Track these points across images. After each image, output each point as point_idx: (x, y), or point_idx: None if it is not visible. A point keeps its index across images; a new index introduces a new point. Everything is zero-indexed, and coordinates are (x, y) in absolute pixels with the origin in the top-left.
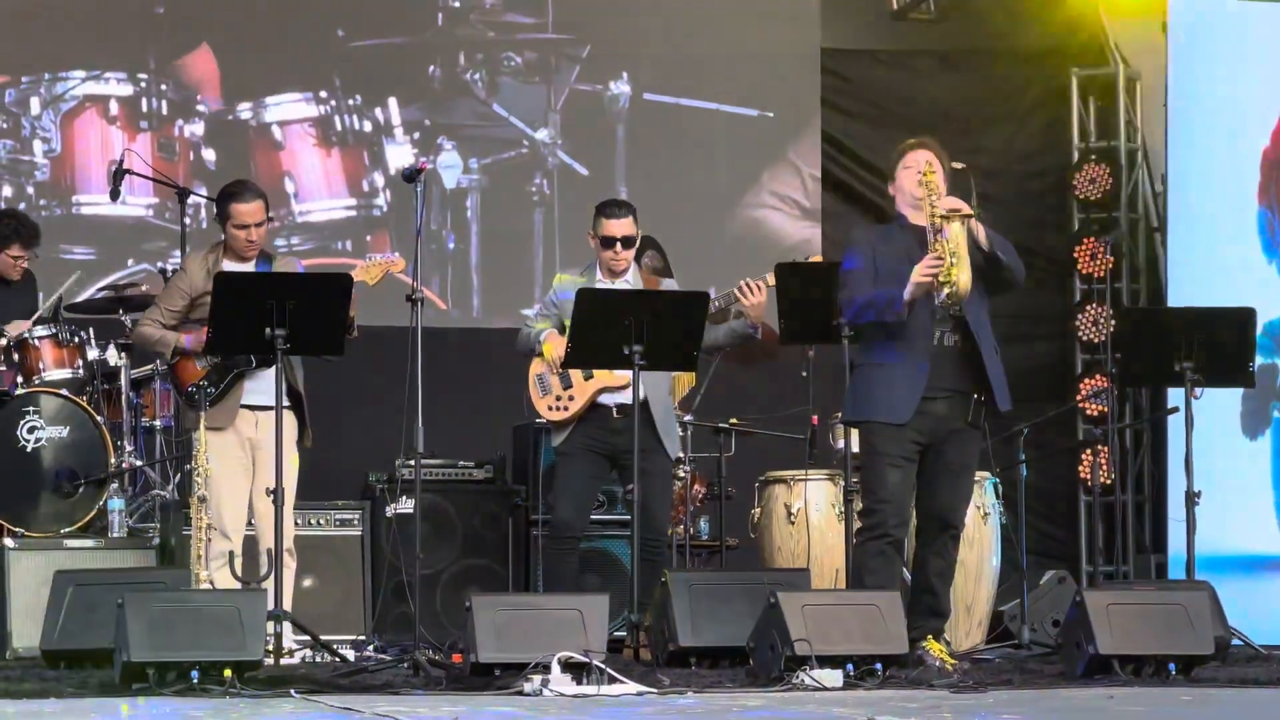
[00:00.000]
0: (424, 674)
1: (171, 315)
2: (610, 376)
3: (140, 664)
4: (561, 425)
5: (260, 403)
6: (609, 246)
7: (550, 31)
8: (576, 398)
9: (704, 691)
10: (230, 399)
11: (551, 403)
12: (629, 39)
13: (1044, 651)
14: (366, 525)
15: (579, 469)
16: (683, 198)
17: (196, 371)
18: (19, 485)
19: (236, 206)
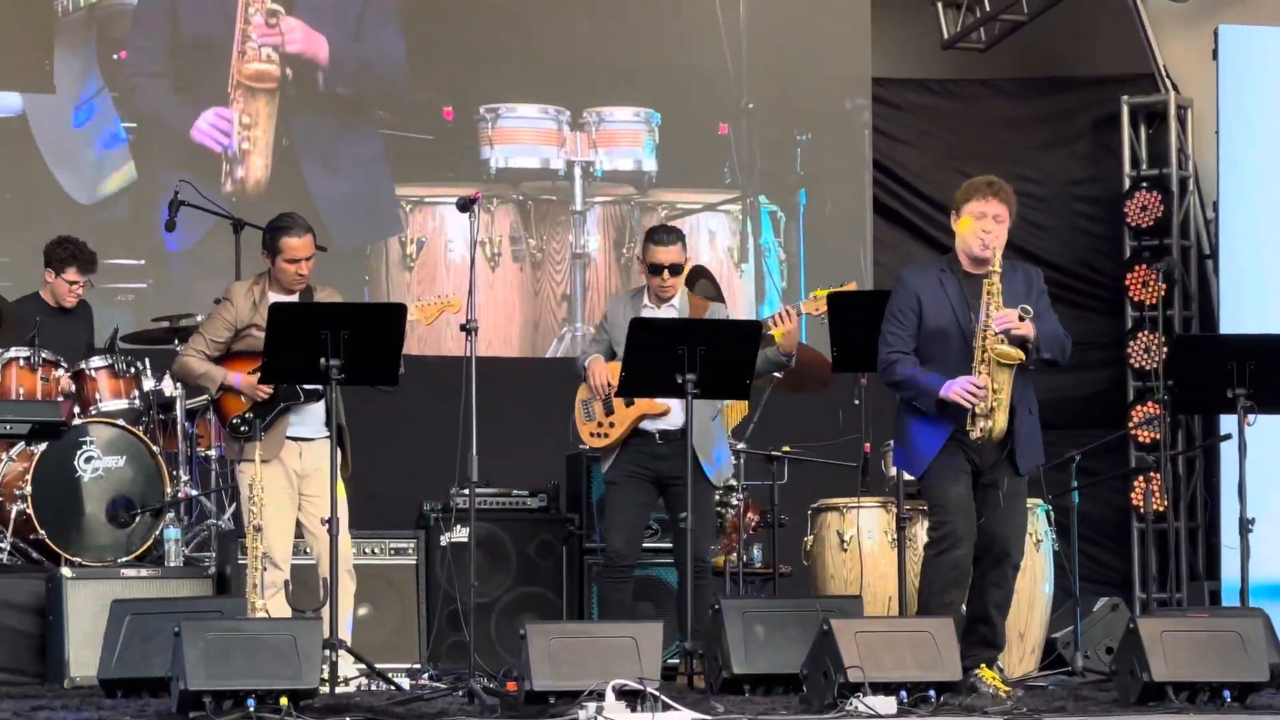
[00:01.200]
0: (479, 702)
1: (215, 346)
2: (650, 404)
3: (197, 692)
4: (606, 452)
5: (304, 434)
6: (657, 273)
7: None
8: (617, 424)
9: (757, 718)
10: (276, 431)
11: (594, 429)
12: (676, 66)
13: (1098, 678)
14: (421, 554)
15: (629, 498)
16: None
17: (240, 405)
18: (76, 515)
19: (287, 240)
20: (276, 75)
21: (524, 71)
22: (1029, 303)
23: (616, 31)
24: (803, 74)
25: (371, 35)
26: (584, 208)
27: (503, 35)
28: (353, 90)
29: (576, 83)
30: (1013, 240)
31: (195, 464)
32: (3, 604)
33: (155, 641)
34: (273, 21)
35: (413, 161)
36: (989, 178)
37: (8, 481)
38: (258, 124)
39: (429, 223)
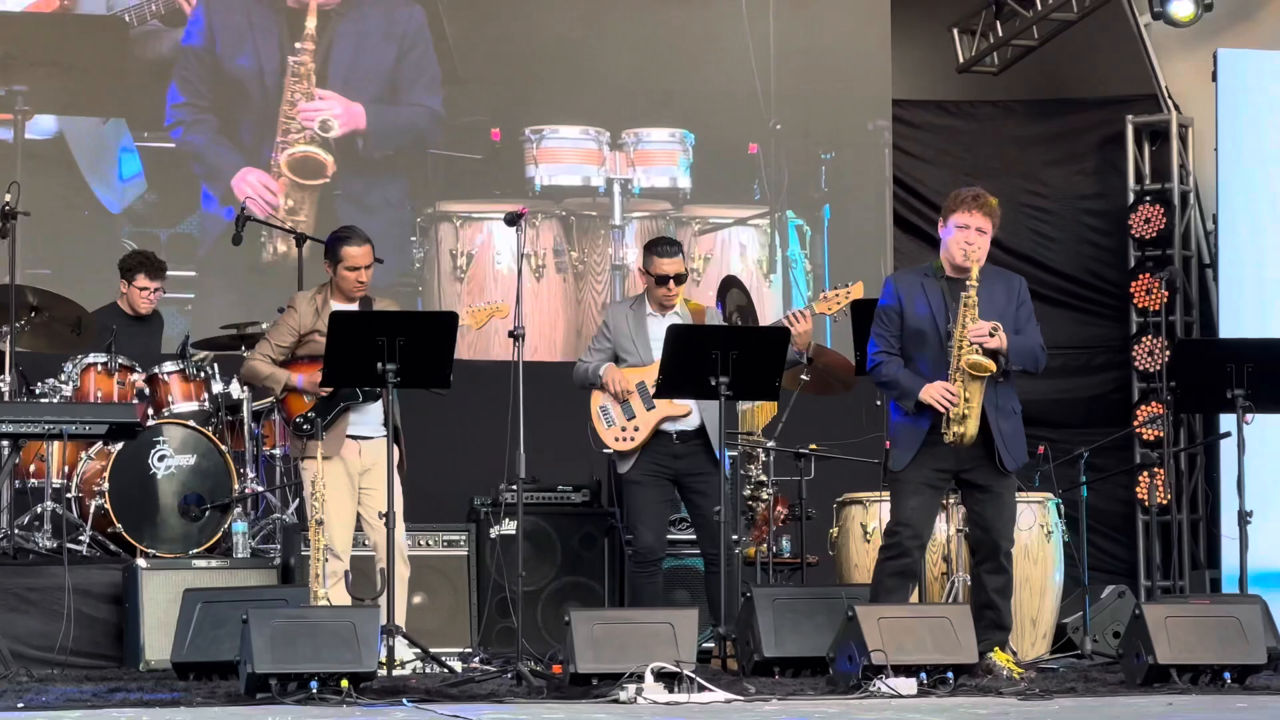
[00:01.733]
0: (526, 684)
1: (280, 351)
2: (671, 406)
3: (264, 675)
4: (627, 454)
5: (364, 433)
6: (663, 283)
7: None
8: (641, 427)
9: (787, 699)
10: (336, 430)
11: (618, 433)
12: (709, 90)
13: (1105, 661)
14: (472, 546)
15: (651, 496)
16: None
17: (303, 405)
18: (150, 510)
19: (348, 250)
20: (324, 164)
21: (566, 95)
22: (1009, 312)
23: (653, 58)
24: (827, 97)
25: (407, 94)
26: (623, 222)
27: (547, 62)
28: (391, 150)
29: (616, 106)
30: (1023, 250)
31: (261, 462)
32: (82, 593)
33: (224, 628)
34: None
35: (462, 180)
36: (975, 190)
37: (87, 479)
38: (302, 210)
39: (478, 237)
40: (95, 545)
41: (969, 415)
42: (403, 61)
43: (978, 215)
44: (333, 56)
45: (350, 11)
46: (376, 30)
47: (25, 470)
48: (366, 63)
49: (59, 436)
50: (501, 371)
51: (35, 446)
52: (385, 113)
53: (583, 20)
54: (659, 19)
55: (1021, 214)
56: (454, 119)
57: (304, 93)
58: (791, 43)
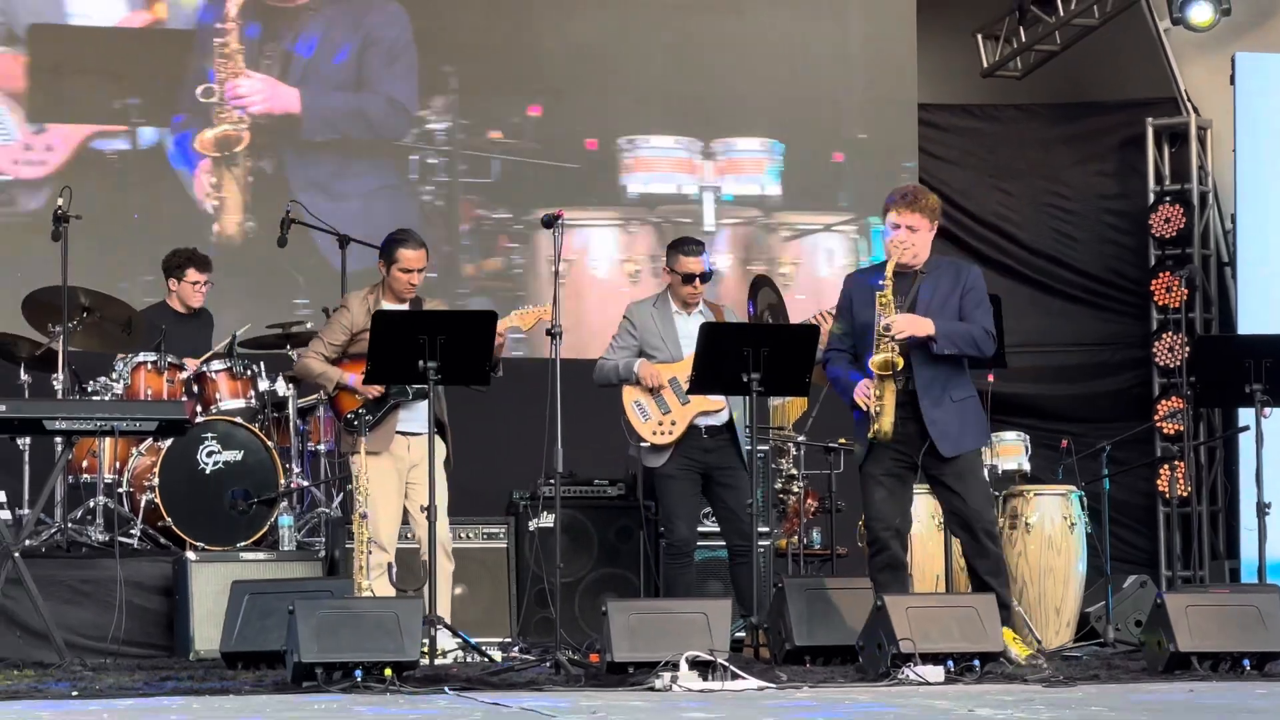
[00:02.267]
0: (565, 672)
1: (333, 349)
2: (706, 401)
3: (310, 664)
4: (660, 449)
5: (412, 429)
6: (688, 282)
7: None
8: (678, 421)
9: (817, 687)
10: (386, 426)
11: (654, 427)
12: (798, 101)
13: (1128, 649)
14: (511, 539)
15: (684, 489)
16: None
17: (354, 402)
18: (199, 504)
19: (403, 252)
20: (234, 139)
21: (660, 106)
22: (952, 300)
23: (744, 71)
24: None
25: (372, 85)
26: (714, 229)
27: (641, 73)
28: (336, 134)
29: (707, 116)
30: (1046, 250)
31: (306, 457)
32: (134, 585)
33: (271, 618)
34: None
35: (559, 188)
36: (905, 188)
37: (137, 474)
38: (224, 185)
39: (575, 243)
40: (146, 538)
41: (882, 412)
42: (364, 55)
43: (907, 214)
44: (295, 47)
45: (320, 8)
46: (340, 25)
47: (78, 466)
48: (323, 54)
49: (110, 433)
50: (539, 369)
51: (88, 443)
52: (330, 97)
53: (671, 30)
54: (750, 28)
55: (1044, 214)
56: (550, 128)
57: (230, 71)
58: (873, 55)
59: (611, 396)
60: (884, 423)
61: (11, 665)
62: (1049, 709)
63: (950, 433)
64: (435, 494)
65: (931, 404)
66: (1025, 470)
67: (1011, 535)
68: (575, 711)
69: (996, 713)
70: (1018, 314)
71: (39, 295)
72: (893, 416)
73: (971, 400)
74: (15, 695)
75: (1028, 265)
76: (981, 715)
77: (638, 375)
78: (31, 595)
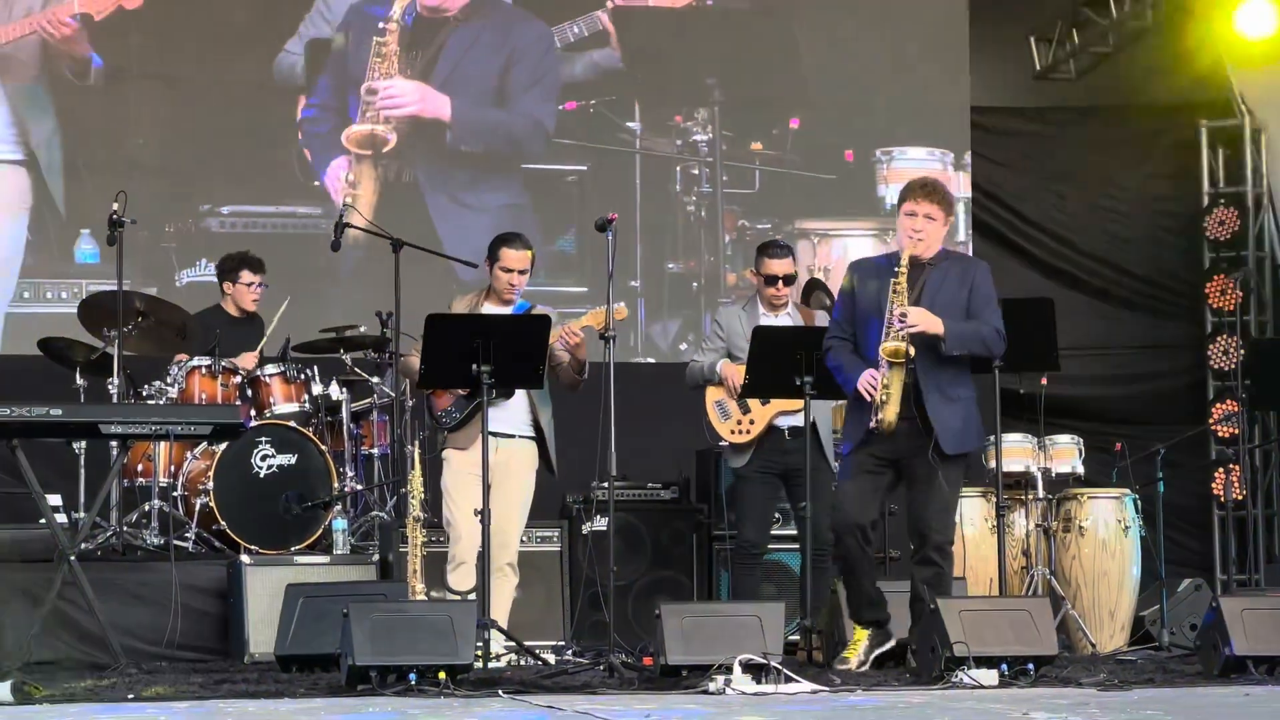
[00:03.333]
0: (618, 675)
1: None
2: (787, 401)
3: (364, 667)
4: (742, 448)
5: (499, 430)
6: (772, 284)
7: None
8: (756, 421)
9: (871, 689)
10: (473, 425)
11: (733, 427)
12: (790, 91)
13: (1183, 653)
14: (565, 542)
15: (758, 491)
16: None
17: (448, 399)
18: (253, 507)
19: (506, 250)
20: (379, 139)
21: (914, 118)
22: (960, 297)
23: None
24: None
25: (514, 103)
26: (967, 239)
27: (897, 85)
28: (480, 148)
29: (960, 128)
30: (1099, 253)
31: (360, 461)
32: (189, 588)
33: (325, 621)
34: (369, 98)
35: (818, 198)
36: (924, 179)
37: (192, 478)
38: (361, 184)
39: (834, 252)
40: (200, 542)
41: (888, 401)
42: (509, 71)
43: (924, 203)
44: (441, 55)
45: (469, 19)
46: (488, 39)
47: (133, 470)
48: (471, 67)
49: (165, 437)
50: (593, 372)
51: (143, 447)
52: (480, 112)
53: (918, 42)
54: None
55: (1098, 217)
56: (809, 139)
57: (384, 73)
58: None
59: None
60: (889, 412)
61: (68, 668)
62: (1104, 713)
63: (953, 429)
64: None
65: (936, 401)
66: (1079, 473)
67: (1065, 539)
68: (629, 714)
69: (1051, 716)
70: (1071, 317)
71: (95, 299)
72: (898, 407)
73: (972, 399)
74: (72, 698)
75: (1081, 268)
76: (1036, 719)
77: (719, 375)
78: (87, 598)
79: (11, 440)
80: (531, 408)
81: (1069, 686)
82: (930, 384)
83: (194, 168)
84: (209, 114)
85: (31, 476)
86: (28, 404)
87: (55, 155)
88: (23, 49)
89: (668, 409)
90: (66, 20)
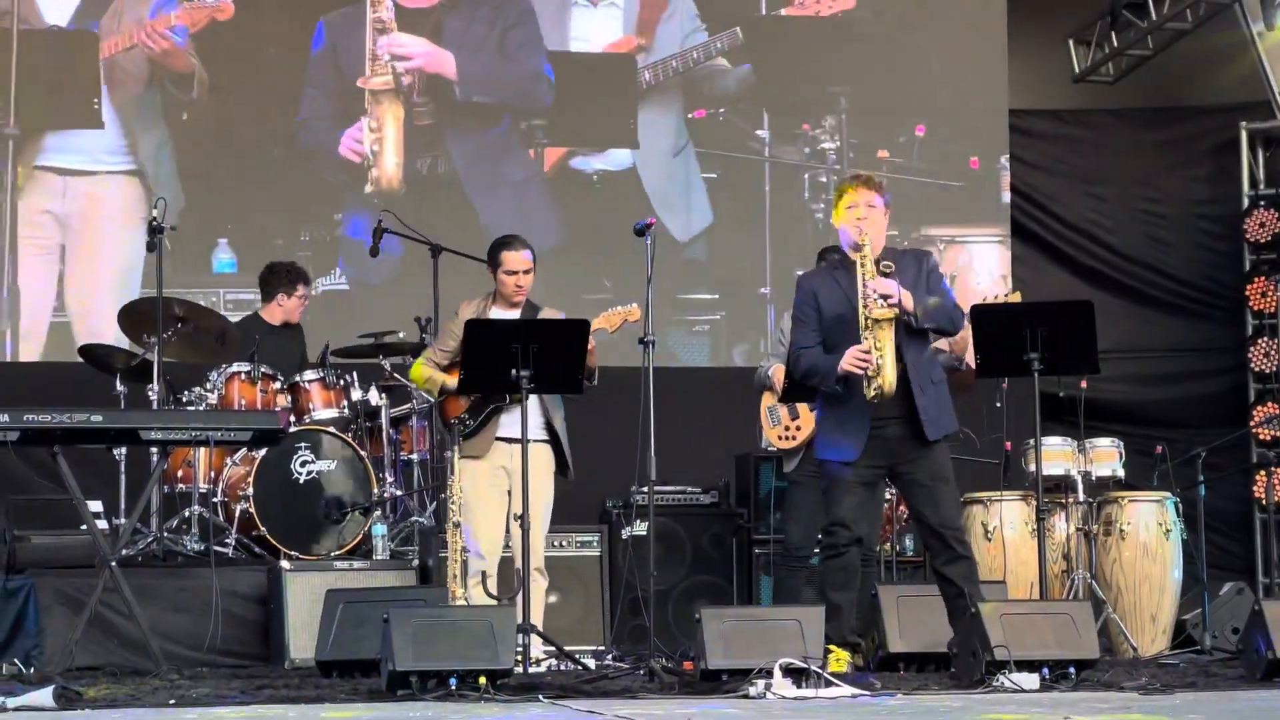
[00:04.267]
0: (658, 680)
1: (444, 355)
2: None
3: (404, 672)
4: (791, 453)
5: (514, 435)
6: None
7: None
8: (803, 428)
9: (912, 694)
10: (487, 431)
11: (780, 432)
12: (916, 99)
13: (1225, 657)
14: (605, 546)
15: (808, 496)
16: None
17: (460, 406)
18: (293, 513)
19: (506, 254)
20: (392, 80)
21: (952, 121)
22: (919, 281)
23: None
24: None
25: (515, 54)
26: (1006, 240)
27: (935, 89)
28: (490, 99)
29: (999, 131)
30: (1139, 256)
31: (399, 466)
32: (229, 594)
33: (366, 627)
34: (383, 34)
35: (944, 205)
36: (856, 172)
37: (232, 484)
38: (384, 125)
39: (960, 258)
40: (240, 548)
41: (883, 365)
42: (505, 36)
43: (863, 191)
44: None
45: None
46: (484, 14)
47: (173, 476)
48: (471, 39)
49: (205, 443)
50: (632, 377)
51: (183, 453)
52: (485, 63)
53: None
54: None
55: (1137, 220)
56: (935, 146)
57: (383, 31)
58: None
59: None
60: (887, 376)
61: (109, 674)
62: (1146, 717)
63: (931, 416)
64: (528, 501)
65: (919, 390)
66: (1120, 476)
67: (1106, 541)
68: (669, 719)
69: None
70: (1111, 320)
71: (135, 306)
72: (894, 370)
73: (945, 383)
74: (114, 703)
75: (1120, 271)
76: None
77: (772, 380)
78: (129, 604)
79: (53, 446)
80: (544, 411)
81: (1111, 690)
82: (918, 375)
83: (311, 175)
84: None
85: (73, 483)
86: (68, 410)
87: (165, 165)
88: (130, 60)
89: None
90: (164, 33)
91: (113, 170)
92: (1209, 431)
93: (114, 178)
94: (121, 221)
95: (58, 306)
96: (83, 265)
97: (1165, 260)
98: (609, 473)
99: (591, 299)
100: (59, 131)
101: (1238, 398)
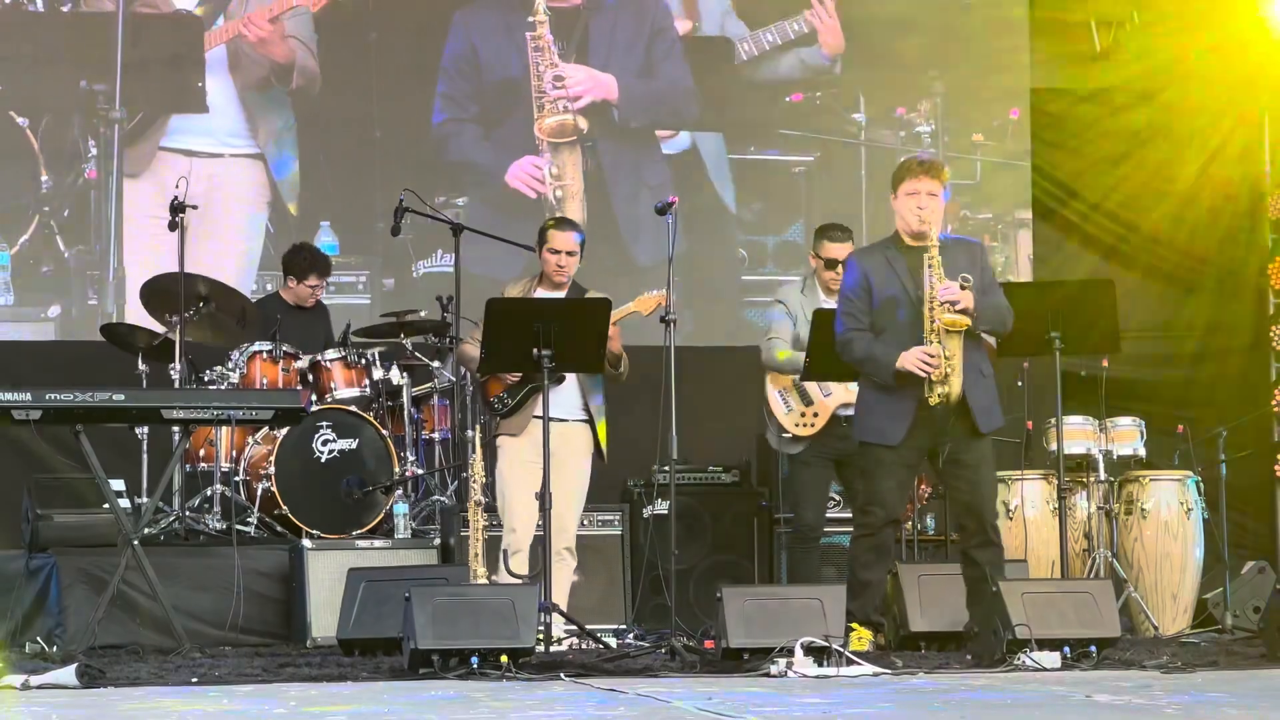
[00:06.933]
0: (680, 658)
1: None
2: (847, 393)
3: (426, 651)
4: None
5: (557, 415)
6: (831, 267)
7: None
8: (820, 414)
9: (933, 672)
10: (526, 410)
11: (797, 419)
12: (1010, 82)
13: (1246, 635)
14: (626, 526)
15: (817, 477)
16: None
17: (499, 385)
18: (315, 492)
19: (553, 233)
20: (573, 127)
21: (972, 100)
22: (973, 277)
23: None
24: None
25: (660, 68)
26: (1028, 220)
27: (957, 67)
28: (644, 121)
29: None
30: (1162, 235)
31: (421, 445)
32: (251, 573)
33: (387, 606)
34: (559, 85)
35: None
36: (920, 157)
37: (254, 463)
38: (566, 173)
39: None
40: (262, 526)
41: (951, 373)
42: (652, 43)
43: (925, 180)
44: (590, 36)
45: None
46: (628, 14)
47: (195, 455)
48: (620, 46)
49: (227, 422)
50: (654, 356)
51: (205, 431)
52: (638, 85)
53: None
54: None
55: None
56: (1027, 131)
57: (548, 64)
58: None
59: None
60: (954, 384)
61: (132, 652)
62: (1167, 695)
63: (984, 407)
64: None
65: (972, 380)
66: (1141, 455)
67: (1128, 521)
68: (691, 697)
69: (1115, 698)
70: (1132, 299)
71: (157, 283)
72: (961, 377)
73: (994, 376)
74: (137, 681)
75: (1142, 250)
76: (1099, 701)
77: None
78: (151, 583)
79: (75, 425)
80: (582, 391)
81: (1132, 669)
82: (969, 363)
83: (418, 159)
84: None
85: (95, 461)
86: (91, 389)
87: (284, 151)
88: (246, 47)
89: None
90: (262, 24)
91: (236, 153)
92: (1231, 410)
93: (237, 160)
94: (244, 204)
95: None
96: (202, 247)
97: (1187, 239)
98: (629, 452)
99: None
100: (177, 115)
101: (1259, 377)
